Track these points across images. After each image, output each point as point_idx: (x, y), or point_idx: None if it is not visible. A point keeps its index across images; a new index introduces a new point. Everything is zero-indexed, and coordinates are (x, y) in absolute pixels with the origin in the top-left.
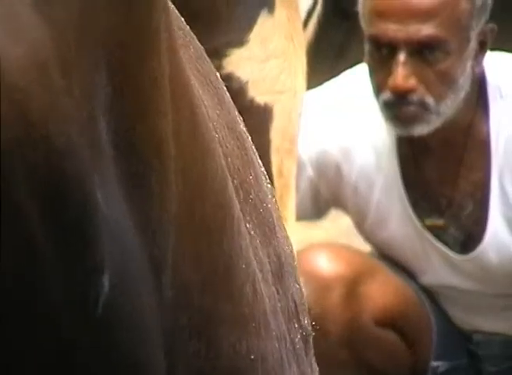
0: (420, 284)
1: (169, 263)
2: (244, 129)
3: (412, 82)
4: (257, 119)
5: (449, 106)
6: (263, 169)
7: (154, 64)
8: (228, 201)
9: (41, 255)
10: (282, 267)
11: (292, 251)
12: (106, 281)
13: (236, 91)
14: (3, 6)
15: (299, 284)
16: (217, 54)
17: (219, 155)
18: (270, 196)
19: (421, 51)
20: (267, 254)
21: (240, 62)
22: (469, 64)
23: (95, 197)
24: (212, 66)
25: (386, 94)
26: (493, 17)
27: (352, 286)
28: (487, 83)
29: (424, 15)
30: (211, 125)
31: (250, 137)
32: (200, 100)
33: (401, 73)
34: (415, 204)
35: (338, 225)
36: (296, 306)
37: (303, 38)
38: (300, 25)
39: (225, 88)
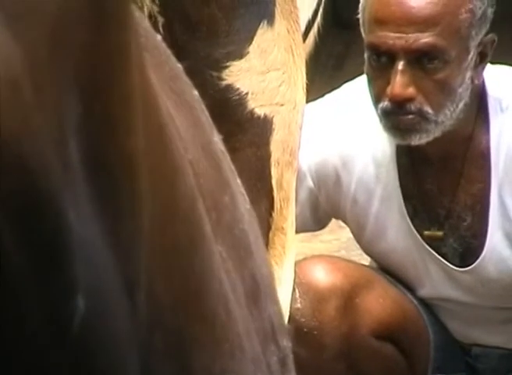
0: (418, 296)
1: (142, 283)
2: (222, 148)
3: (410, 91)
4: (257, 131)
5: (448, 116)
6: (242, 189)
7: (125, 83)
8: (198, 220)
9: (15, 276)
10: (257, 289)
11: (271, 273)
12: (81, 302)
13: (236, 102)
14: None
15: (277, 305)
16: (216, 66)
17: (189, 175)
18: (248, 217)
19: (420, 60)
20: (241, 276)
21: (240, 74)
22: (468, 74)
23: (68, 217)
24: (190, 85)
25: (385, 103)
26: (493, 28)
27: (349, 298)
28: (487, 95)
29: (424, 23)
30: (181, 145)
31: (228, 157)
32: (170, 119)
33: (399, 82)
34: (414, 215)
35: (337, 238)
36: (273, 328)
37: (302, 50)
38: (299, 36)
39: (203, 107)
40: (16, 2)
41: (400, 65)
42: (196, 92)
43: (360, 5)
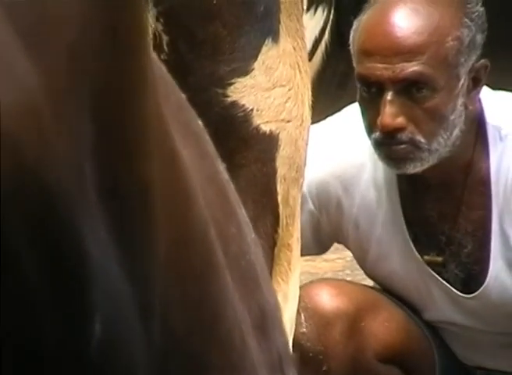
0: (423, 319)
1: (157, 310)
2: (227, 178)
3: (400, 121)
4: (263, 147)
5: (442, 144)
6: (247, 219)
7: (140, 110)
8: (210, 248)
9: (34, 300)
10: (265, 320)
11: (277, 303)
12: (97, 327)
13: (241, 119)
14: None
15: (284, 337)
16: (221, 82)
17: (200, 203)
18: (254, 248)
19: (409, 89)
20: (248, 308)
21: (245, 91)
22: (460, 101)
23: (86, 242)
24: (195, 116)
25: (376, 134)
26: (489, 54)
27: (354, 322)
28: (486, 123)
29: (410, 53)
30: (191, 174)
31: (233, 187)
32: (180, 148)
33: (388, 112)
34: (416, 240)
35: (342, 256)
36: (280, 360)
37: (308, 67)
38: (306, 54)
39: (207, 137)
40: (35, 30)
41: (389, 95)
42: (200, 122)
43: (351, 36)
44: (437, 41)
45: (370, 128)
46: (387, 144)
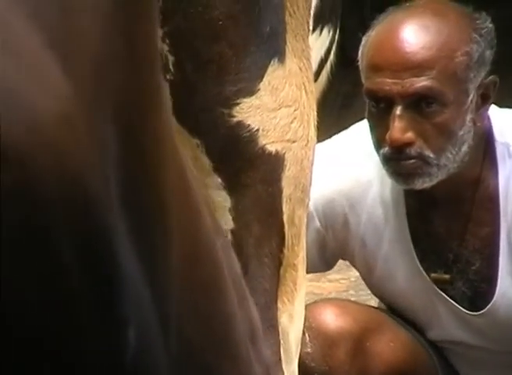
0: (429, 339)
1: (173, 322)
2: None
3: (409, 135)
4: (268, 167)
5: (450, 159)
6: (229, 243)
7: (156, 122)
8: (219, 259)
9: (81, 307)
10: (254, 332)
11: (258, 318)
12: (132, 333)
13: (247, 139)
14: (30, 59)
15: (270, 349)
16: (227, 103)
17: (206, 216)
18: (236, 260)
19: (418, 104)
20: (243, 320)
21: (251, 111)
22: (469, 117)
23: (119, 253)
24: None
25: (385, 149)
26: (497, 71)
27: (359, 342)
28: (494, 140)
29: (419, 68)
30: (196, 189)
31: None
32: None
33: (397, 127)
34: (423, 257)
35: (346, 277)
36: (268, 371)
37: (314, 87)
38: (311, 74)
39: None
40: (64, 42)
41: (398, 110)
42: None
43: (359, 51)
44: (446, 56)
45: (379, 143)
46: (396, 159)
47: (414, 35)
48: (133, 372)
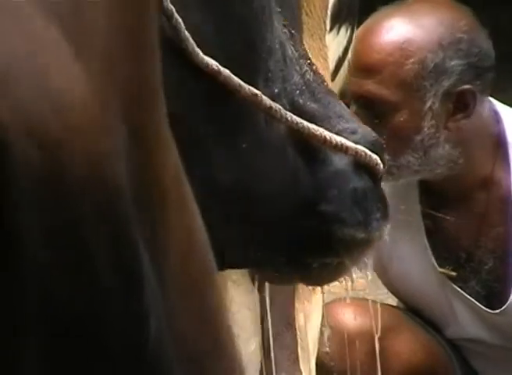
0: (446, 337)
1: (169, 313)
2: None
3: None
4: None
5: (414, 162)
6: None
7: (157, 117)
8: (210, 255)
9: (108, 296)
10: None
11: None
12: (153, 325)
13: None
14: (53, 48)
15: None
16: None
17: (197, 213)
18: None
19: (370, 105)
20: None
21: None
22: (430, 123)
23: (139, 243)
24: None
25: None
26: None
27: (378, 342)
28: (507, 142)
29: (368, 70)
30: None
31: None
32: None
33: None
34: (438, 256)
35: (363, 276)
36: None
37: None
38: (329, 74)
39: None
40: (77, 35)
41: (353, 109)
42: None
43: None
44: (395, 62)
45: None
46: None
47: (373, 37)
48: (154, 362)
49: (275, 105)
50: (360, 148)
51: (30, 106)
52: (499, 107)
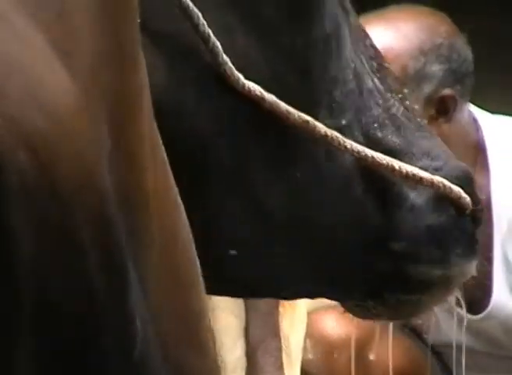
0: (428, 344)
1: (153, 314)
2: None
3: None
4: None
5: None
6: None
7: (140, 123)
8: (194, 257)
9: (100, 303)
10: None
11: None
12: (139, 326)
13: None
14: (44, 59)
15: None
16: None
17: (183, 213)
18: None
19: None
20: None
21: None
22: None
23: (124, 245)
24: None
25: None
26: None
27: (361, 348)
28: (487, 149)
29: None
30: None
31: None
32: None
33: None
34: None
35: None
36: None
37: None
38: None
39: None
40: (63, 42)
41: None
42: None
43: None
44: None
45: None
46: None
47: None
48: (140, 362)
49: (332, 133)
50: (438, 178)
51: (23, 117)
52: (478, 114)
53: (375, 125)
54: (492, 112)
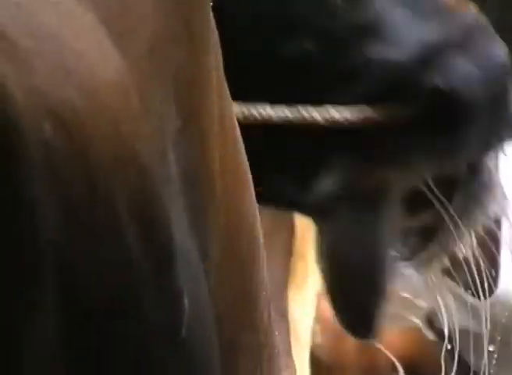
0: (435, 328)
1: (213, 295)
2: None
3: None
4: None
5: None
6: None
7: (210, 102)
8: (258, 234)
9: (141, 277)
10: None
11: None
12: (186, 305)
13: None
14: (90, 36)
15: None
16: None
17: (250, 194)
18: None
19: None
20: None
21: None
22: None
23: (171, 223)
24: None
25: None
26: None
27: None
28: None
29: None
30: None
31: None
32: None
33: None
34: None
35: None
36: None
37: None
38: None
39: None
40: (119, 22)
41: None
42: None
43: None
44: None
45: None
46: None
47: None
48: (188, 341)
49: None
50: None
51: (52, 90)
52: None
53: None
54: None
